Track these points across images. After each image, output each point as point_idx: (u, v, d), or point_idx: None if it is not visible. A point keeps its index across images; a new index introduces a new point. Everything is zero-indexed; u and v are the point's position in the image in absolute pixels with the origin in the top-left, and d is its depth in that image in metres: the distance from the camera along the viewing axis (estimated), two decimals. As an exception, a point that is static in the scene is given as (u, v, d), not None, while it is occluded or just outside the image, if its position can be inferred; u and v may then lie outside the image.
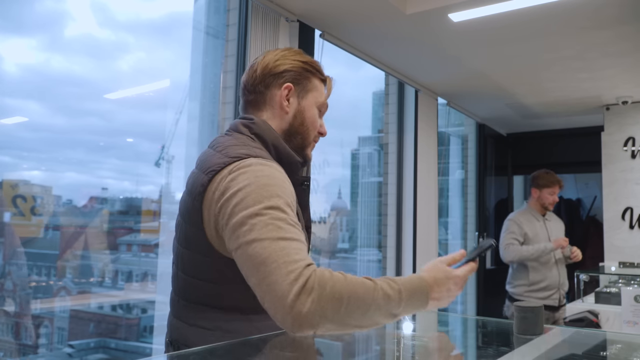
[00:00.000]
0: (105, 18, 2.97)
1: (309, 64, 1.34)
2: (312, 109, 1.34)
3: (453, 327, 2.26)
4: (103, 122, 3.04)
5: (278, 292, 0.97)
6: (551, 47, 3.47)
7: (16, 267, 2.81)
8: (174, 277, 1.34)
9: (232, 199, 1.09)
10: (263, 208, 1.06)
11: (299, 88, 1.32)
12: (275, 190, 1.09)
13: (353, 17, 3.07)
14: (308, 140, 1.35)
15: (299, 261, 0.99)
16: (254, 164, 1.13)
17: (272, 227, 1.04)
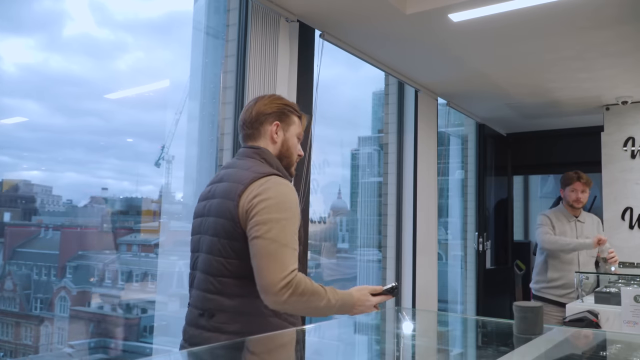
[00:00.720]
0: (103, 18, 2.97)
1: (289, 106, 1.87)
2: (293, 138, 1.86)
3: (453, 327, 2.26)
4: (102, 122, 3.04)
5: (270, 280, 1.52)
6: (551, 47, 3.47)
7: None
8: (204, 261, 1.71)
9: (261, 203, 1.59)
10: (280, 218, 1.58)
11: (284, 124, 1.84)
12: (290, 206, 1.62)
13: (353, 17, 3.07)
14: (292, 161, 1.88)
15: (290, 266, 1.54)
16: (276, 180, 1.66)
17: (282, 235, 1.57)
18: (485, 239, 5.64)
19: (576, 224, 3.89)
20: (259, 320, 1.62)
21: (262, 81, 2.78)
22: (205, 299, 1.67)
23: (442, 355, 1.74)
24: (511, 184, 6.50)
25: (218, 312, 1.63)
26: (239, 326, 1.60)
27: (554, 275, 3.85)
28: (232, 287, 1.64)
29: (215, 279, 1.65)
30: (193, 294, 1.74)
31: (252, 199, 1.60)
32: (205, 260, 1.70)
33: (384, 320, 2.39)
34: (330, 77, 3.54)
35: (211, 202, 1.74)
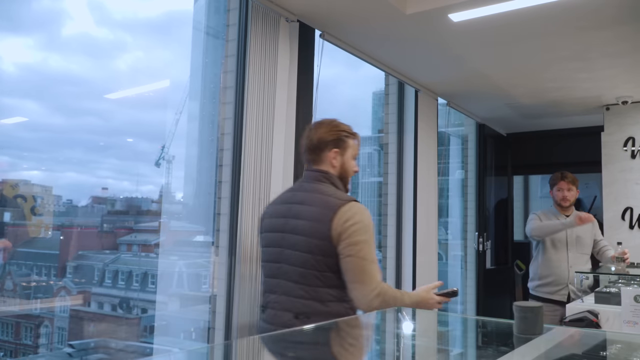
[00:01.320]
0: (103, 17, 2.97)
1: (345, 132, 2.16)
2: (349, 160, 2.17)
3: (453, 327, 2.26)
4: (102, 122, 3.04)
5: (365, 291, 1.96)
6: (551, 47, 3.47)
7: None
8: (296, 273, 2.02)
9: (352, 227, 1.96)
10: (367, 239, 1.97)
11: (341, 150, 2.14)
12: (371, 228, 2.00)
13: (353, 17, 3.07)
14: (348, 179, 2.20)
15: (377, 278, 1.98)
16: (358, 206, 2.02)
17: (369, 253, 1.97)
18: (485, 239, 5.64)
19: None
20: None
21: (262, 81, 2.78)
22: (300, 304, 1.99)
23: (442, 355, 1.74)
24: (511, 184, 6.50)
25: (313, 315, 1.97)
26: None
27: (544, 272, 3.98)
28: (325, 294, 1.99)
29: (310, 288, 1.98)
30: (279, 299, 2.06)
31: (344, 223, 1.96)
32: (296, 272, 2.02)
33: (384, 320, 2.39)
34: (330, 76, 3.54)
35: (297, 222, 2.05)
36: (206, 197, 3.22)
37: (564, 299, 3.86)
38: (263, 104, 2.78)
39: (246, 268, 2.66)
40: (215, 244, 2.84)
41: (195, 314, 3.24)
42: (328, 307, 1.98)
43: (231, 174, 2.82)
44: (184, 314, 3.32)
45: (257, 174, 2.74)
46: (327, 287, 1.99)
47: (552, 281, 3.94)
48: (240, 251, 2.65)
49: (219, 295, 2.77)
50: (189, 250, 3.36)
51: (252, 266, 2.69)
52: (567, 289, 3.89)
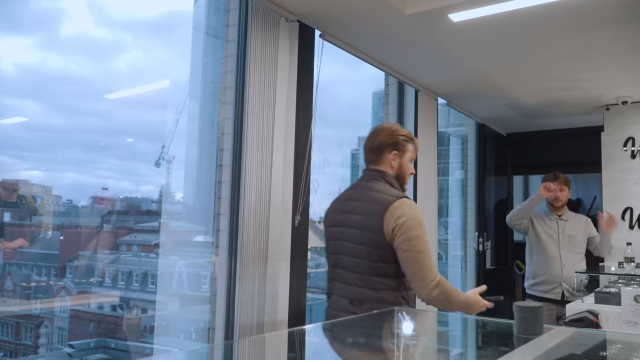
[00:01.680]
0: (102, 17, 2.96)
1: (405, 136, 2.35)
2: (407, 163, 2.35)
3: (453, 327, 2.26)
4: (101, 122, 3.03)
5: (424, 283, 2.11)
6: (551, 47, 3.47)
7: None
8: (351, 263, 2.22)
9: (405, 223, 2.12)
10: (421, 233, 2.13)
11: (400, 153, 2.33)
12: (422, 222, 2.16)
13: (353, 17, 3.07)
14: (405, 180, 2.38)
15: (435, 269, 2.15)
16: (408, 202, 2.19)
17: (424, 246, 2.13)
18: (485, 239, 5.64)
19: (558, 222, 4.08)
20: (395, 307, 2.15)
21: (262, 81, 2.78)
22: (355, 291, 2.19)
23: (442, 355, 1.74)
24: (511, 184, 6.50)
25: (366, 301, 2.16)
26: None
27: (537, 271, 4.07)
28: (377, 283, 2.17)
29: (363, 276, 2.18)
30: (338, 286, 2.28)
31: (397, 220, 2.12)
32: (351, 262, 2.22)
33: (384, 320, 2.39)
34: (329, 76, 3.54)
35: (353, 217, 2.26)
36: (206, 197, 3.22)
37: (558, 297, 3.91)
38: (263, 104, 2.78)
39: (246, 268, 2.66)
40: (215, 244, 2.84)
41: (195, 314, 3.25)
42: (380, 295, 2.17)
43: (231, 174, 2.82)
44: (184, 314, 3.32)
45: (257, 174, 2.74)
46: (379, 276, 2.17)
47: (546, 280, 4.00)
48: (241, 251, 2.65)
49: (219, 295, 2.77)
50: (189, 250, 3.36)
51: (252, 266, 2.69)
52: (561, 288, 3.94)
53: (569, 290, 3.96)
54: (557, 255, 3.99)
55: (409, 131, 2.40)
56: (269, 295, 2.73)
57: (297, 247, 3.00)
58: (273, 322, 2.76)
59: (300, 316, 3.02)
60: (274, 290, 2.78)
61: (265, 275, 2.73)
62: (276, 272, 2.80)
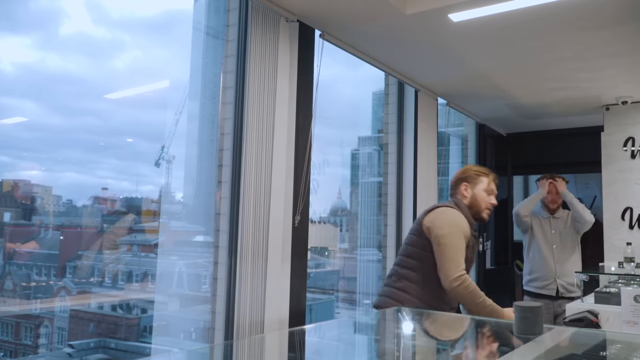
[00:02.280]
0: (100, 16, 2.95)
1: (477, 171, 2.73)
2: (480, 193, 2.68)
3: (453, 327, 2.26)
4: (101, 122, 3.03)
5: (449, 272, 2.42)
6: (551, 47, 3.47)
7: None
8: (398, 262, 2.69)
9: (437, 224, 2.54)
10: (446, 232, 2.49)
11: (472, 184, 2.70)
12: (454, 223, 2.54)
13: (353, 17, 3.07)
14: (480, 209, 2.68)
15: (460, 265, 2.43)
16: (446, 210, 2.60)
17: (453, 242, 2.47)
18: (485, 239, 5.64)
19: (551, 220, 4.29)
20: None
21: (262, 81, 2.78)
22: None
23: (442, 355, 1.74)
24: (511, 184, 6.50)
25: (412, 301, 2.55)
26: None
27: (532, 267, 4.25)
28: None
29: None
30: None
31: (431, 223, 2.56)
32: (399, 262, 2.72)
33: (384, 320, 2.39)
34: (329, 76, 3.54)
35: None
36: (206, 197, 3.22)
37: (553, 293, 4.05)
38: (263, 104, 2.78)
39: (246, 268, 2.66)
40: (215, 244, 2.84)
41: (195, 314, 3.24)
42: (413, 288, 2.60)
43: (231, 174, 2.82)
44: (184, 314, 3.32)
45: (257, 174, 2.74)
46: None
47: (540, 276, 4.17)
48: (240, 251, 2.65)
49: (219, 295, 2.77)
50: (188, 250, 3.36)
51: (252, 266, 2.69)
52: (556, 284, 4.07)
53: (564, 286, 4.07)
54: (550, 252, 4.17)
55: (485, 168, 2.78)
56: (269, 295, 2.73)
57: (297, 247, 3.00)
58: (273, 322, 2.76)
59: (300, 316, 3.02)
60: (274, 290, 2.77)
61: (265, 275, 2.73)
62: (276, 272, 2.79)
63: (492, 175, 2.74)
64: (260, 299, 2.70)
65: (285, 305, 2.88)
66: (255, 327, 2.67)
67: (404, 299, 2.50)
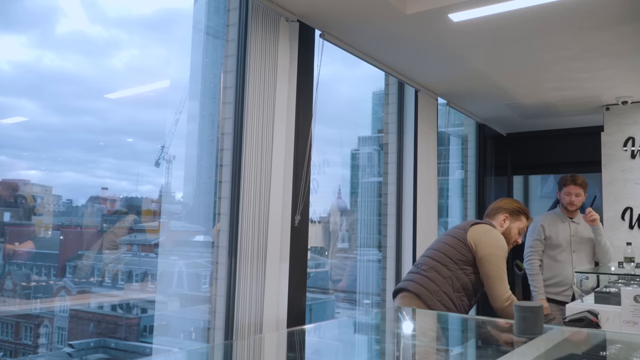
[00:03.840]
0: (98, 14, 2.94)
1: (521, 209, 2.89)
2: (514, 229, 2.85)
3: (453, 327, 2.26)
4: (100, 121, 3.02)
5: (500, 292, 2.59)
6: (551, 47, 3.47)
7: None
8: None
9: (486, 243, 2.68)
10: (495, 252, 2.65)
11: (512, 218, 2.86)
12: (501, 245, 2.68)
13: (353, 17, 3.06)
14: (509, 242, 2.83)
15: (507, 286, 2.61)
16: (491, 229, 2.75)
17: (500, 264, 2.63)
18: (485, 239, 5.63)
19: (570, 225, 4.04)
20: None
21: (262, 81, 2.78)
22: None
23: (442, 355, 1.74)
24: (511, 184, 6.49)
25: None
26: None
27: (548, 274, 4.04)
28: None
29: None
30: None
31: (479, 240, 2.68)
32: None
33: (384, 320, 2.39)
34: (327, 75, 3.53)
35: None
36: (206, 197, 3.22)
37: (568, 299, 3.89)
38: (263, 104, 2.78)
39: (246, 268, 2.66)
40: (215, 244, 2.84)
41: (195, 314, 3.24)
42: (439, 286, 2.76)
43: (231, 174, 2.82)
44: (184, 314, 3.32)
45: (257, 174, 2.74)
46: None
47: (558, 282, 3.98)
48: (240, 251, 2.65)
49: (219, 295, 2.77)
50: (188, 250, 3.36)
51: (252, 266, 2.69)
52: (571, 290, 3.93)
53: (580, 293, 3.94)
54: (569, 258, 3.98)
55: (527, 209, 2.93)
56: (268, 295, 2.73)
57: (297, 247, 3.00)
58: (273, 322, 2.76)
59: (300, 316, 3.02)
60: (274, 290, 2.77)
61: (265, 275, 2.73)
62: (276, 272, 2.79)
63: (530, 219, 2.93)
64: (260, 299, 2.70)
65: (285, 305, 2.88)
66: (255, 327, 2.67)
67: (434, 289, 2.62)
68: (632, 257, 3.66)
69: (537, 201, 7.21)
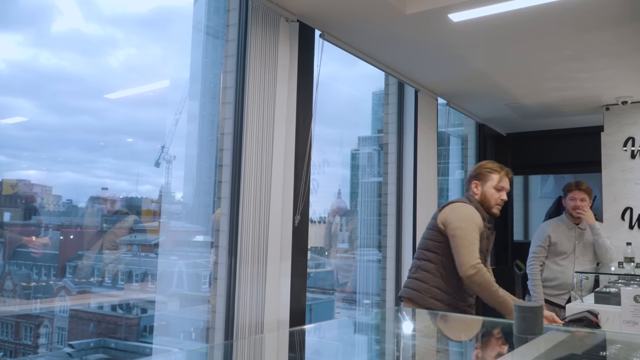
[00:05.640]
0: (92, 12, 2.92)
1: (488, 168, 2.81)
2: (489, 190, 2.77)
3: (453, 327, 2.26)
4: (97, 121, 3.01)
5: (464, 260, 2.51)
6: (551, 47, 3.47)
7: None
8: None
9: (452, 220, 2.64)
10: (461, 226, 2.60)
11: (481, 182, 2.79)
12: (466, 218, 2.63)
13: (353, 17, 3.06)
14: (490, 205, 2.76)
15: (475, 254, 2.53)
16: (458, 206, 2.71)
17: (467, 235, 2.57)
18: (485, 239, 5.64)
19: (576, 231, 4.01)
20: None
21: (262, 81, 2.78)
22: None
23: (442, 355, 1.74)
24: (511, 184, 6.49)
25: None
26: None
27: (548, 275, 4.02)
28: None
29: None
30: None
31: (446, 217, 2.67)
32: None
33: (384, 320, 2.39)
34: (327, 74, 3.53)
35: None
36: (206, 197, 3.22)
37: (563, 303, 3.89)
38: (263, 104, 2.78)
39: (246, 268, 2.66)
40: (215, 244, 2.84)
41: (195, 314, 3.24)
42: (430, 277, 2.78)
43: (231, 174, 2.82)
44: (184, 314, 3.32)
45: (257, 173, 2.74)
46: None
47: (557, 285, 3.98)
48: (240, 251, 2.65)
49: (219, 295, 2.76)
50: (188, 250, 3.36)
51: (252, 266, 2.69)
52: (569, 294, 3.94)
53: (576, 297, 3.93)
54: (571, 264, 3.97)
55: (498, 165, 2.83)
56: (268, 295, 2.73)
57: (297, 247, 3.00)
58: (273, 322, 2.76)
59: (300, 316, 3.02)
60: (274, 290, 2.77)
61: (265, 275, 2.73)
62: (276, 272, 2.79)
63: (503, 172, 2.82)
64: (260, 299, 2.70)
65: (285, 305, 2.88)
66: (255, 327, 2.67)
67: (423, 288, 2.64)
68: (632, 257, 3.66)
69: (537, 201, 7.21)
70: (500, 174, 2.80)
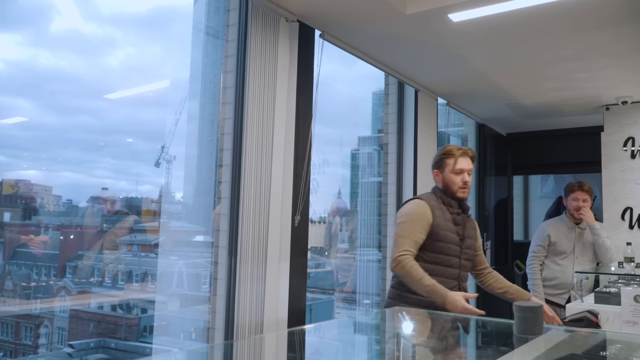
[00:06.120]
0: (91, 12, 2.92)
1: (444, 154, 2.68)
2: (449, 175, 2.65)
3: (453, 327, 2.26)
4: (96, 121, 3.01)
5: (392, 255, 2.48)
6: (551, 47, 3.47)
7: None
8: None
9: (397, 218, 2.64)
10: (400, 221, 2.58)
11: (440, 169, 2.69)
12: (407, 212, 2.59)
13: (353, 17, 3.06)
14: (454, 190, 2.65)
15: (400, 247, 2.48)
16: (407, 204, 2.68)
17: (400, 230, 2.55)
18: (485, 239, 5.64)
19: (576, 231, 4.02)
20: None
21: (262, 81, 2.78)
22: None
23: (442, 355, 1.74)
24: (511, 184, 6.49)
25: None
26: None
27: (548, 274, 4.03)
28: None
29: None
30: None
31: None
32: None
33: (384, 320, 2.39)
34: (327, 74, 3.53)
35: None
36: (206, 197, 3.22)
37: (563, 302, 3.90)
38: (263, 104, 2.78)
39: (246, 268, 2.66)
40: (215, 243, 2.84)
41: (195, 314, 3.24)
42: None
43: (231, 174, 2.82)
44: (184, 314, 3.32)
45: (257, 174, 2.74)
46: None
47: (557, 284, 3.99)
48: (240, 251, 2.65)
49: (219, 295, 2.76)
50: (188, 250, 3.36)
51: (252, 266, 2.69)
52: (569, 294, 3.95)
53: (576, 297, 3.94)
54: (571, 263, 3.99)
55: (450, 147, 2.70)
56: (268, 295, 2.73)
57: (297, 247, 3.00)
58: (273, 322, 2.76)
59: (300, 316, 3.02)
60: (274, 290, 2.77)
61: (265, 275, 2.73)
62: (276, 272, 2.79)
63: (457, 153, 2.66)
64: (260, 299, 2.70)
65: (285, 305, 2.88)
66: (255, 327, 2.67)
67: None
68: (632, 257, 3.66)
69: (537, 201, 7.21)
70: (455, 157, 2.65)
